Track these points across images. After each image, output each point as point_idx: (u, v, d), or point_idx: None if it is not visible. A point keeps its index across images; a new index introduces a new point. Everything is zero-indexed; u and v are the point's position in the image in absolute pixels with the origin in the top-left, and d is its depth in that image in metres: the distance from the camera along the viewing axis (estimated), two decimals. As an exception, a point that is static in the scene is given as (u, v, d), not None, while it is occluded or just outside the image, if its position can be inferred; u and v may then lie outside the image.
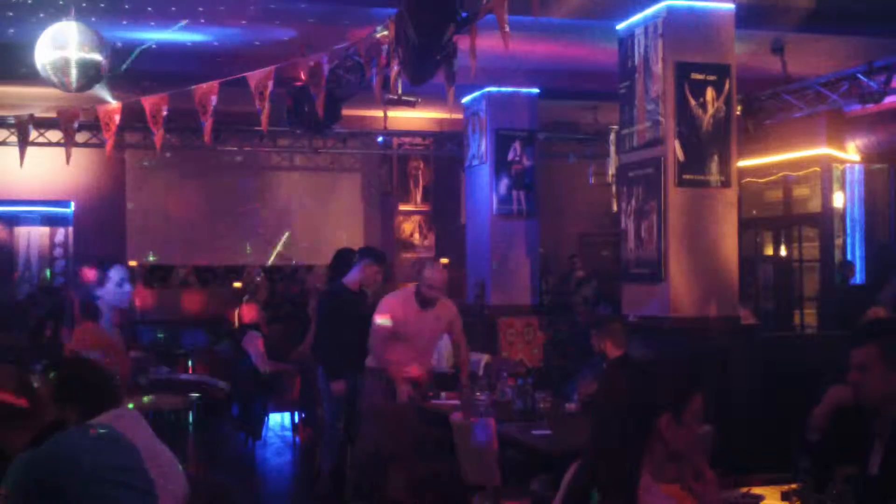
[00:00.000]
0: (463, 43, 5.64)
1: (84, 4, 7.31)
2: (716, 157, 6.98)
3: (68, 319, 12.15)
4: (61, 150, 8.27)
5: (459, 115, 11.29)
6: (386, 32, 6.25)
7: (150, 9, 7.90)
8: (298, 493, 8.04)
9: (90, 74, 6.67)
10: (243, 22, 8.36)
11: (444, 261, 13.40)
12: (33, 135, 10.12)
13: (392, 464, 6.08)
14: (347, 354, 6.81)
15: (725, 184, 7.02)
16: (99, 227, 12.67)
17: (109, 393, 3.24)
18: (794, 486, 3.31)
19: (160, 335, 11.44)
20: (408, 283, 7.66)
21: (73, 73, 6.58)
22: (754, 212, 13.32)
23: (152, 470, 3.00)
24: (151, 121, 7.43)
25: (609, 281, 9.60)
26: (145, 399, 6.26)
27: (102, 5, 7.49)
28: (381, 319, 6.56)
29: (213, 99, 7.19)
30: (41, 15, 7.39)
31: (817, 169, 11.73)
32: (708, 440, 4.79)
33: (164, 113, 7.45)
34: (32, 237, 13.55)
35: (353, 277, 7.13)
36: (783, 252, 12.97)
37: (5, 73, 9.40)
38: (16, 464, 2.61)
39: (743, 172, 10.33)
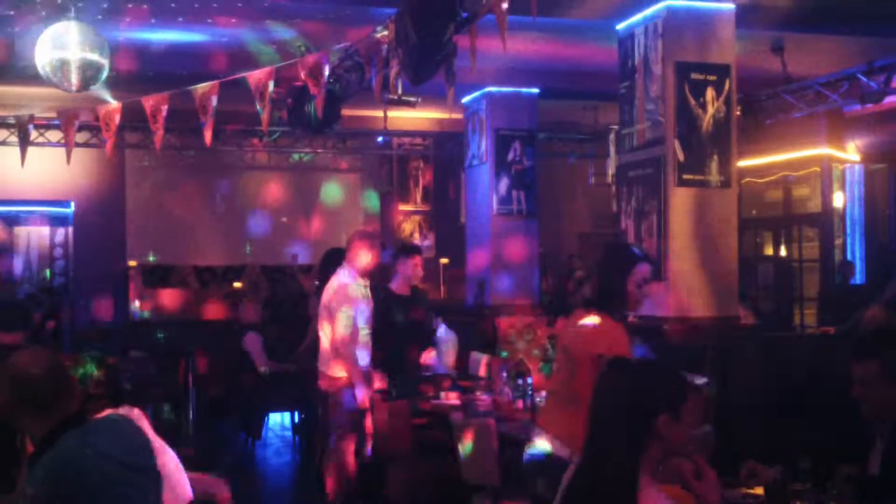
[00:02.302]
0: (463, 43, 5.64)
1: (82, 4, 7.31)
2: (716, 157, 6.98)
3: (68, 319, 12.17)
4: (61, 151, 8.27)
5: (459, 115, 11.29)
6: (386, 32, 6.25)
7: (149, 8, 7.90)
8: (298, 494, 8.05)
9: (90, 74, 6.67)
10: (243, 22, 8.35)
11: (444, 260, 13.42)
12: (33, 135, 10.12)
13: (392, 464, 6.09)
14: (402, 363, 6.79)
15: (725, 184, 7.02)
16: (99, 227, 12.67)
17: (116, 392, 3.27)
18: (794, 486, 3.31)
19: (160, 335, 11.43)
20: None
21: (73, 73, 6.57)
22: (754, 212, 13.33)
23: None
24: (151, 121, 7.43)
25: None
26: None
27: (105, 6, 7.48)
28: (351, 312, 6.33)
29: (213, 99, 7.19)
30: (43, 14, 7.38)
31: (817, 169, 11.73)
32: (709, 440, 4.79)
33: (164, 113, 7.44)
34: (32, 237, 13.55)
35: (398, 280, 7.07)
36: (783, 252, 12.97)
37: (5, 73, 9.40)
38: (41, 464, 2.60)
39: (743, 172, 10.34)
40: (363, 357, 6.43)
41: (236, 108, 9.10)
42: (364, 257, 6.47)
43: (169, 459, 3.34)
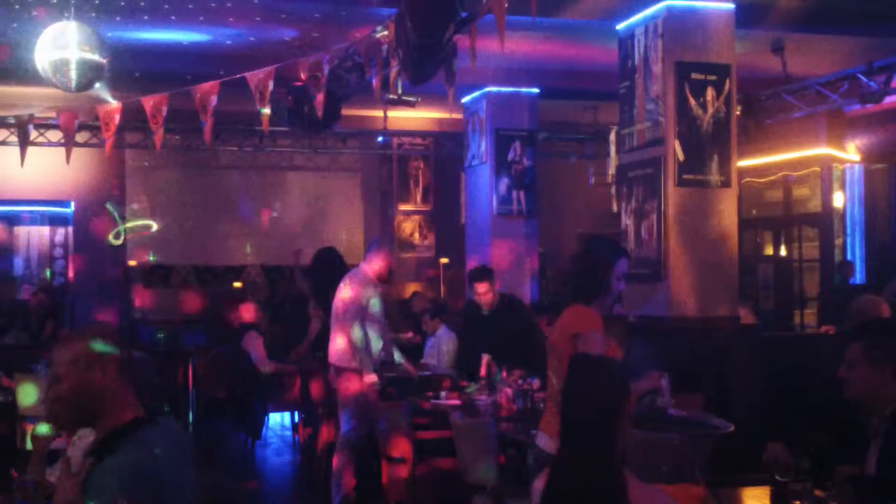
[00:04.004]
0: (463, 43, 5.64)
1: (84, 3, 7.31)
2: (716, 157, 6.98)
3: (68, 319, 12.18)
4: (61, 150, 8.28)
5: (459, 115, 11.29)
6: (386, 32, 6.25)
7: (149, 7, 7.90)
8: (298, 494, 8.05)
9: (90, 74, 6.67)
10: (244, 22, 8.35)
11: (444, 260, 13.43)
12: (33, 135, 10.12)
13: (392, 464, 6.09)
14: None
15: (725, 184, 7.02)
16: (99, 227, 12.67)
17: None
18: (793, 486, 3.31)
19: (160, 335, 11.43)
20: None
21: (73, 73, 6.57)
22: (754, 212, 13.33)
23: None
24: (151, 120, 7.43)
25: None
26: None
27: (105, 5, 7.48)
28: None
29: (214, 99, 7.19)
30: (39, 14, 7.38)
31: (817, 169, 11.73)
32: (708, 442, 4.79)
33: (164, 113, 7.45)
34: (32, 237, 13.55)
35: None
36: (783, 252, 12.97)
37: (5, 73, 9.40)
38: (113, 471, 2.45)
39: (743, 172, 10.33)
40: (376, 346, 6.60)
41: (236, 107, 9.10)
42: (384, 264, 6.67)
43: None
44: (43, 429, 3.11)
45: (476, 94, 10.70)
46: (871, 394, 3.17)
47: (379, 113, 11.27)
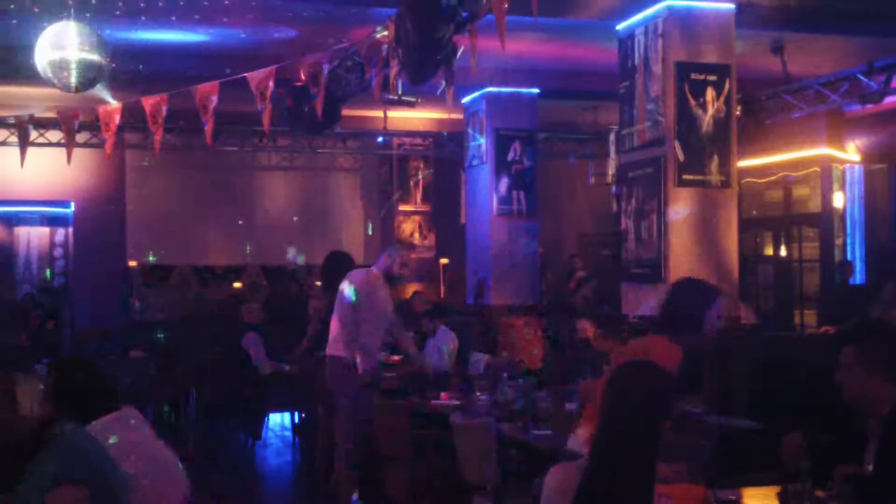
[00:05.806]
0: (463, 43, 5.64)
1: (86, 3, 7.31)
2: (716, 157, 6.98)
3: (68, 319, 12.18)
4: (61, 151, 8.28)
5: (459, 115, 11.29)
6: (386, 32, 6.25)
7: (150, 7, 7.90)
8: (298, 494, 8.05)
9: (90, 75, 6.67)
10: (243, 22, 8.35)
11: (444, 260, 13.42)
12: (33, 135, 10.12)
13: (392, 464, 6.09)
14: None
15: (725, 184, 7.02)
16: (99, 227, 12.67)
17: (104, 397, 3.20)
18: (793, 486, 3.31)
19: (160, 335, 11.42)
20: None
21: (73, 73, 6.57)
22: (754, 212, 13.32)
23: (152, 471, 3.00)
24: (151, 121, 7.44)
25: (609, 281, 9.60)
26: None
27: (105, 5, 7.48)
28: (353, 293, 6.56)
29: (214, 99, 7.19)
30: (40, 13, 7.38)
31: (817, 169, 11.72)
32: (710, 440, 4.79)
33: (164, 113, 7.45)
34: (32, 237, 13.55)
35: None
36: (783, 252, 12.97)
37: (5, 73, 9.39)
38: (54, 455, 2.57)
39: (743, 172, 10.32)
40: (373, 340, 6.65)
41: (237, 108, 9.10)
42: (387, 264, 6.72)
43: (165, 460, 3.33)
44: None
45: (476, 94, 10.70)
46: (867, 396, 3.17)
47: (379, 113, 11.26)
